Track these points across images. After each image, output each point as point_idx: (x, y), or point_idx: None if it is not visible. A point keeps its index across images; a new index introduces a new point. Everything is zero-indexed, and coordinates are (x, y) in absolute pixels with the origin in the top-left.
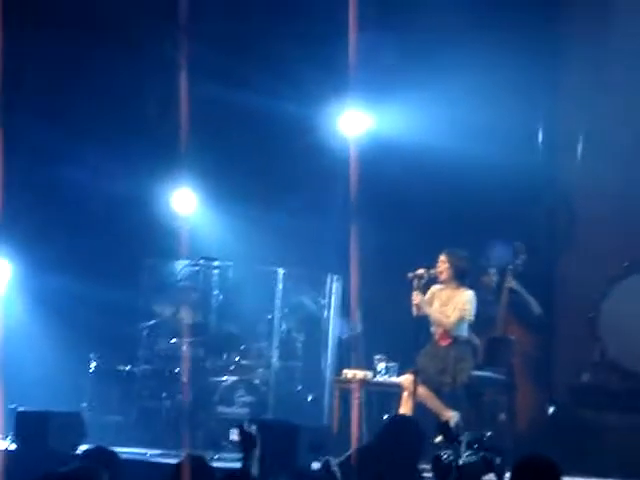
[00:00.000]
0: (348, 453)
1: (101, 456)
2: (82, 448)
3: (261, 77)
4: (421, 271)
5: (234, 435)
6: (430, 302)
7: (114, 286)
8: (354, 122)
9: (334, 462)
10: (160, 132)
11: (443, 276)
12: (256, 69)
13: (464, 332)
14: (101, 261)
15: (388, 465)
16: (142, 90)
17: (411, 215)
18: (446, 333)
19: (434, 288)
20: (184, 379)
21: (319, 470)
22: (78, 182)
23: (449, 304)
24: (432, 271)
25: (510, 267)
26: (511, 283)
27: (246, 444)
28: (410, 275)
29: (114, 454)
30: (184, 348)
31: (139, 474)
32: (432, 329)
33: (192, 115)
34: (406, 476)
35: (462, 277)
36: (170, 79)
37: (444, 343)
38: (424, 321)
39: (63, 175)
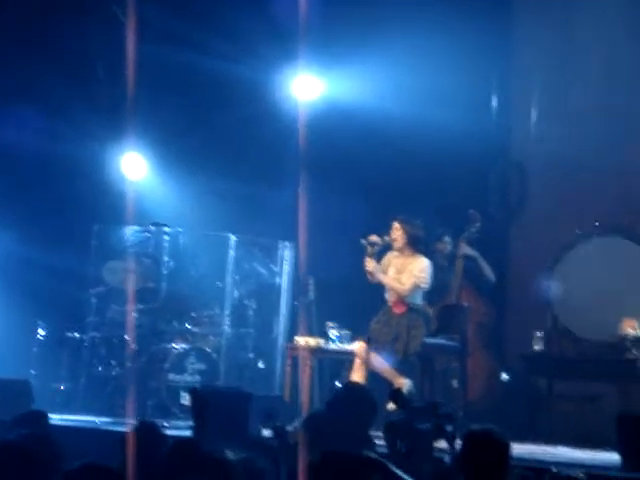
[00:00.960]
0: (299, 420)
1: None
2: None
3: (213, 41)
4: (374, 238)
5: (185, 400)
6: (385, 269)
7: (62, 252)
8: (306, 87)
9: (285, 429)
10: (109, 96)
11: (397, 243)
12: (208, 33)
13: (418, 300)
14: (49, 226)
15: (339, 432)
16: (89, 52)
17: (363, 181)
18: (400, 300)
19: (390, 255)
20: (133, 346)
21: (270, 437)
22: (24, 145)
23: (404, 271)
24: (386, 238)
25: (464, 234)
26: (465, 249)
27: (197, 409)
28: (363, 241)
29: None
30: (134, 315)
31: (89, 442)
32: (386, 296)
33: (141, 79)
34: (357, 443)
35: (416, 244)
36: (118, 41)
37: (398, 311)
38: (377, 288)
39: (8, 138)
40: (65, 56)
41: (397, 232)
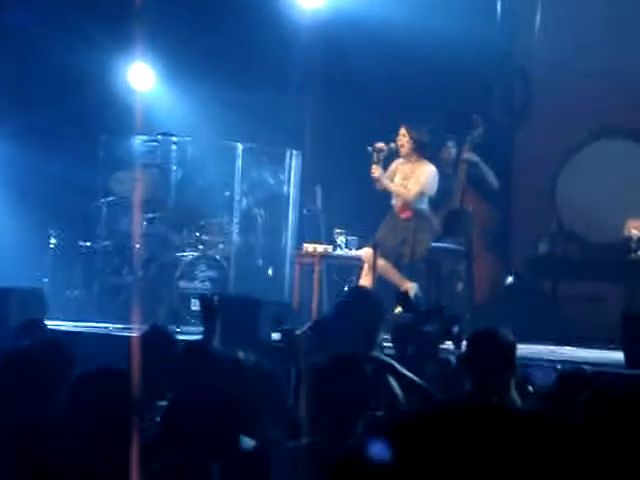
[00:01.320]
0: (308, 325)
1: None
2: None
3: None
4: (381, 144)
5: (196, 306)
6: (392, 176)
7: (71, 162)
8: None
9: (293, 332)
10: (113, 5)
11: (404, 150)
12: None
13: (424, 205)
14: (57, 137)
15: (347, 335)
16: None
17: (368, 88)
18: (406, 206)
19: (397, 162)
20: (144, 255)
21: (279, 340)
22: (31, 57)
23: (411, 177)
24: (392, 145)
25: (468, 139)
26: (468, 155)
27: (207, 314)
28: (370, 149)
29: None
30: (143, 224)
31: (102, 348)
32: (392, 202)
33: None
34: (365, 346)
35: (422, 150)
36: None
37: (404, 216)
38: (384, 195)
39: (14, 50)
40: None
41: (404, 138)
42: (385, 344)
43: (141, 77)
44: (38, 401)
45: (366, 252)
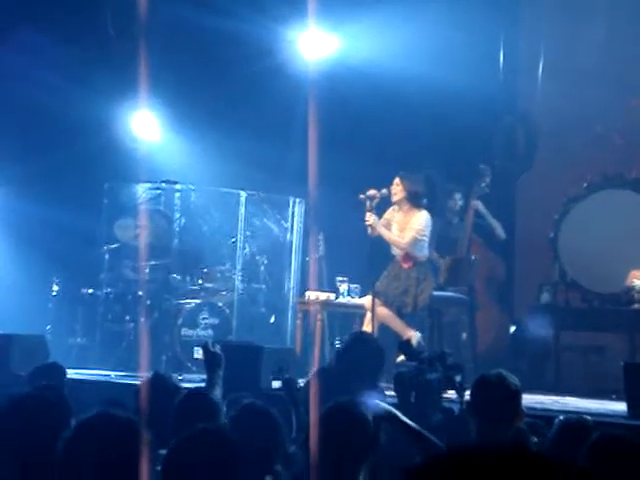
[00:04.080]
0: (310, 375)
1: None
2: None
3: None
4: (372, 191)
5: (198, 354)
6: (387, 222)
7: (75, 209)
8: (316, 44)
9: (294, 381)
10: (119, 53)
11: (395, 197)
12: None
13: (425, 252)
14: (62, 184)
15: (349, 383)
16: (100, 9)
17: (372, 138)
18: (407, 255)
19: (391, 210)
20: (147, 302)
21: (280, 388)
22: (36, 104)
23: (406, 227)
24: (384, 191)
25: (475, 189)
26: (476, 205)
27: (210, 362)
28: (362, 196)
29: (62, 369)
30: (146, 271)
31: (104, 395)
32: (393, 252)
33: (152, 36)
34: (367, 392)
35: (415, 199)
36: None
37: (406, 265)
38: (385, 243)
39: (21, 97)
40: (75, 10)
41: (397, 187)
42: (387, 392)
43: (145, 125)
44: (38, 448)
45: (368, 300)
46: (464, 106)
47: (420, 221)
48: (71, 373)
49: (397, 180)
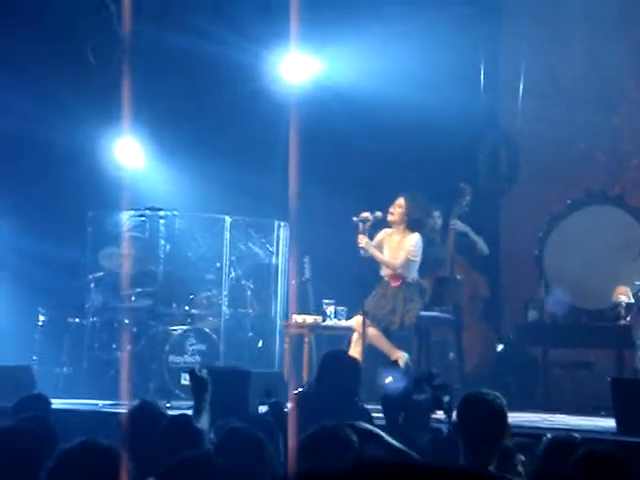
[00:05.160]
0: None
1: (35, 403)
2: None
3: (204, 23)
4: (366, 214)
5: (185, 380)
6: (378, 244)
7: (59, 239)
8: (298, 68)
9: (279, 404)
10: (101, 81)
11: (394, 218)
12: (199, 15)
13: (413, 273)
14: (45, 213)
15: (329, 402)
16: (80, 37)
17: (354, 160)
18: (396, 275)
19: (384, 232)
20: (133, 330)
21: (267, 413)
22: (16, 133)
23: (399, 249)
24: (377, 213)
25: (455, 208)
26: (457, 224)
27: (197, 388)
28: (355, 219)
29: (46, 399)
30: (132, 299)
31: (92, 425)
32: (382, 272)
33: (133, 63)
34: (348, 410)
35: (412, 224)
36: (108, 24)
37: (394, 284)
38: (372, 265)
39: (2, 127)
40: (55, 40)
41: (398, 209)
42: (375, 414)
43: (128, 152)
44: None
45: (356, 321)
46: (446, 126)
47: (413, 242)
48: (58, 403)
49: (401, 201)
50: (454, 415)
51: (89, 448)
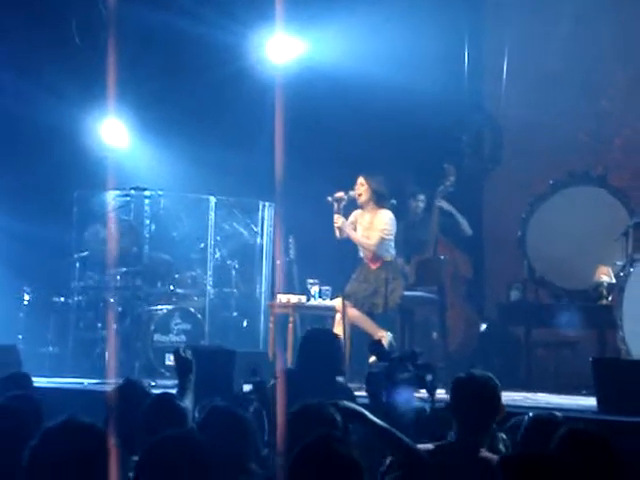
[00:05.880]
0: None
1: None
2: None
3: (188, 2)
4: (340, 194)
5: (170, 360)
6: (353, 226)
7: (45, 218)
8: (282, 49)
9: (264, 383)
10: (86, 61)
11: (362, 198)
12: None
13: (391, 251)
14: (31, 193)
15: (308, 380)
16: (66, 16)
17: (340, 140)
18: (374, 256)
19: (356, 212)
20: (118, 309)
21: (251, 392)
22: (4, 113)
23: (371, 228)
24: (351, 193)
25: (440, 188)
26: (442, 204)
27: (181, 368)
28: (330, 199)
29: (28, 377)
30: (117, 278)
31: (77, 403)
32: (360, 254)
33: (118, 43)
34: (327, 387)
35: (380, 199)
36: (93, 3)
37: (374, 266)
38: (353, 245)
39: None
40: (41, 19)
41: (362, 187)
42: (358, 393)
43: (114, 132)
44: (5, 457)
45: (339, 302)
46: (431, 109)
47: (385, 220)
48: (43, 382)
49: (361, 180)
50: (437, 394)
51: (72, 426)
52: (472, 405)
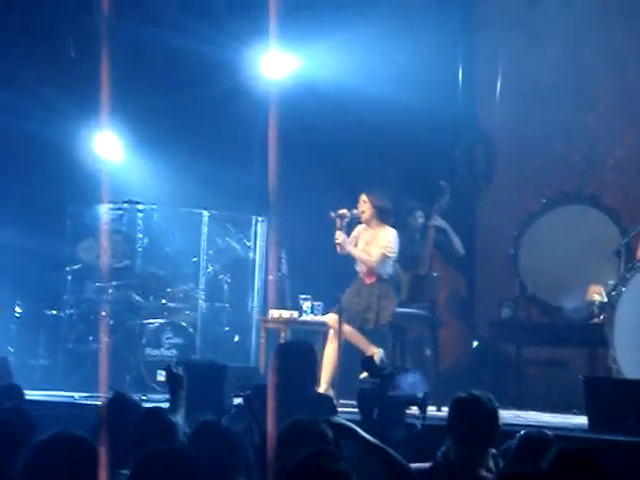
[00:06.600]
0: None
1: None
2: None
3: (184, 19)
4: (343, 211)
5: (161, 376)
6: (355, 242)
7: (38, 232)
8: (277, 65)
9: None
10: (81, 75)
11: (365, 215)
12: (179, 10)
13: (388, 269)
14: (23, 206)
15: (283, 391)
16: (59, 29)
17: (333, 156)
18: (371, 271)
19: (359, 228)
20: (110, 322)
21: (241, 405)
22: None
23: (373, 243)
24: (355, 211)
25: (436, 205)
26: (438, 221)
27: (173, 385)
28: (332, 215)
29: (19, 389)
30: (109, 291)
31: (67, 417)
32: (357, 268)
33: (113, 57)
34: (302, 397)
35: (383, 216)
36: (90, 18)
37: (369, 281)
38: (348, 261)
39: None
40: (35, 33)
41: (364, 204)
42: (349, 409)
43: (107, 146)
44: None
45: (331, 317)
46: (424, 125)
47: (389, 238)
48: (34, 394)
49: (364, 197)
50: (428, 411)
51: (64, 439)
52: (473, 425)
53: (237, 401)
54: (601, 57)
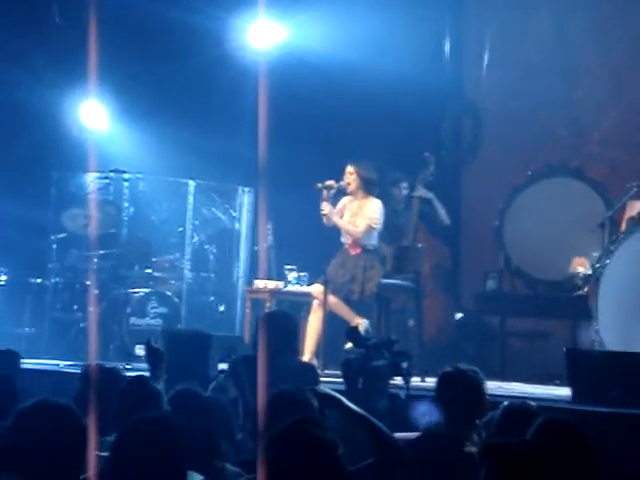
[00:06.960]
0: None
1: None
2: None
3: None
4: (330, 182)
5: (140, 350)
6: (341, 213)
7: (23, 199)
8: (264, 34)
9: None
10: (66, 43)
11: (351, 187)
12: None
13: (374, 241)
14: (9, 174)
15: (267, 360)
16: None
17: (320, 128)
18: (356, 242)
19: (345, 199)
20: (95, 291)
21: (226, 371)
22: None
23: (359, 214)
24: (341, 182)
25: (420, 176)
26: (421, 191)
27: (153, 359)
28: (319, 186)
29: (17, 355)
30: (95, 260)
31: (52, 384)
32: (342, 239)
33: (100, 25)
34: (284, 366)
35: (370, 187)
36: None
37: (353, 252)
38: (333, 232)
39: None
40: (22, 1)
41: (351, 176)
42: (336, 379)
43: (93, 114)
44: None
45: (316, 288)
46: (411, 96)
47: (374, 209)
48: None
49: (350, 168)
50: (412, 381)
51: (46, 407)
52: (460, 399)
53: (222, 366)
54: (589, 31)
